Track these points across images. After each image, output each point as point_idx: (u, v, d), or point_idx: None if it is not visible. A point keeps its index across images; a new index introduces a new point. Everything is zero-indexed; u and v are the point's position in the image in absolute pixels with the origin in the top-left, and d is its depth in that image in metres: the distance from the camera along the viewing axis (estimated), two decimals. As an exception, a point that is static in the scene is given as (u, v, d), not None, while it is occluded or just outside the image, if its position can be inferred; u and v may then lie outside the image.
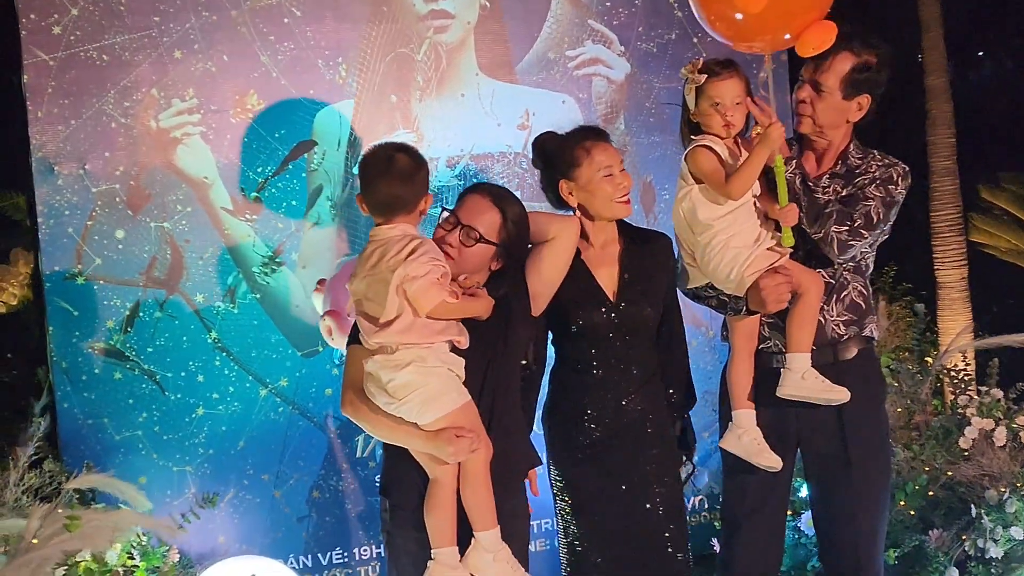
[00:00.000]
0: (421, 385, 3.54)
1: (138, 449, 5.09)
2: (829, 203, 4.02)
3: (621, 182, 4.00)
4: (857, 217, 4.00)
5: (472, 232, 3.74)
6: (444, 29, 5.47)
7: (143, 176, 5.05)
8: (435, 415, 3.56)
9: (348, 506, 5.46)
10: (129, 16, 5.00)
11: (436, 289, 3.49)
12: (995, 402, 5.63)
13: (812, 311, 4.03)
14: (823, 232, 3.99)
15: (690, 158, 4.01)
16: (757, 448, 4.08)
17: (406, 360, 3.54)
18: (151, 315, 5.09)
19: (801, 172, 4.04)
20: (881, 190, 4.06)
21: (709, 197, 3.99)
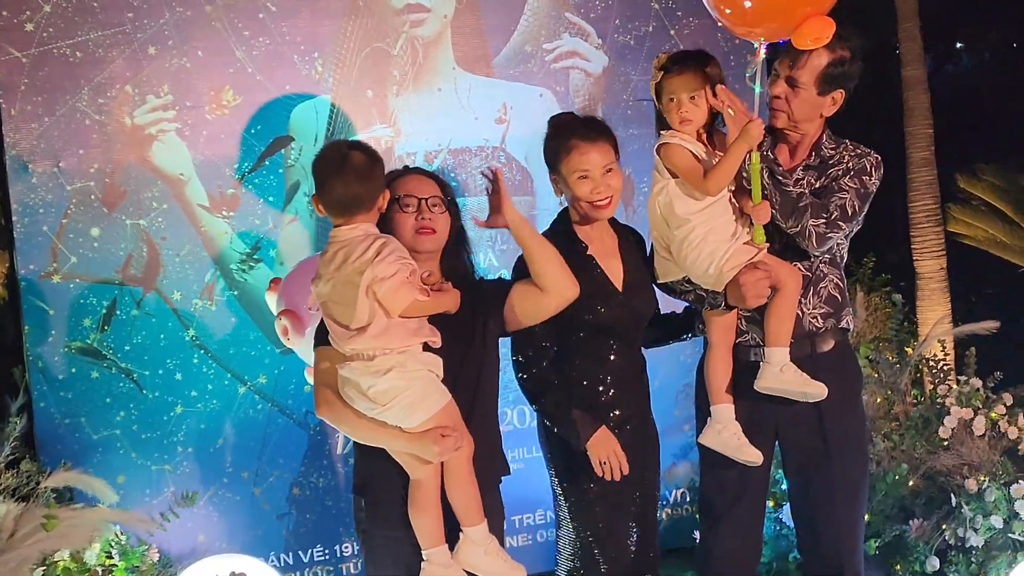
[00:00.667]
0: (404, 390, 3.52)
1: (116, 448, 5.06)
2: (802, 195, 4.01)
3: (598, 185, 3.94)
4: (833, 209, 4.00)
5: (439, 203, 3.78)
6: (420, 23, 5.46)
7: (118, 173, 5.02)
8: (421, 418, 3.55)
9: (328, 503, 5.45)
10: (102, 12, 4.97)
11: (407, 288, 3.45)
12: (974, 391, 5.66)
13: (790, 305, 4.03)
14: (799, 226, 3.99)
15: (665, 154, 4.00)
16: (737, 443, 4.07)
17: (386, 366, 3.51)
18: (128, 313, 5.07)
19: (770, 167, 4.02)
20: (855, 181, 4.06)
21: (686, 191, 3.97)
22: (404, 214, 3.73)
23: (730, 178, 3.93)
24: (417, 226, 3.74)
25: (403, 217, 3.73)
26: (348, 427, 3.66)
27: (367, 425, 3.59)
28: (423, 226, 3.74)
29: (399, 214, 3.72)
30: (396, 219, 3.72)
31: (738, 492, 4.22)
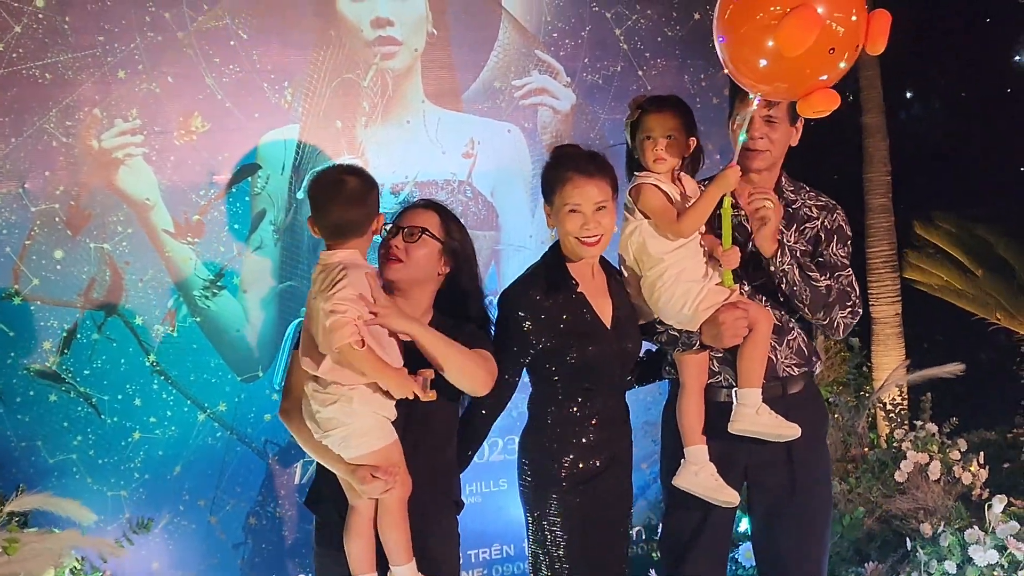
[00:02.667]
0: (342, 425, 3.58)
1: (72, 473, 5.01)
2: (830, 289, 4.07)
3: (587, 222, 3.90)
4: (851, 292, 4.11)
5: (414, 229, 3.79)
6: (391, 56, 5.47)
7: (84, 196, 4.99)
8: (356, 453, 3.61)
9: (285, 533, 5.41)
10: (73, 35, 4.95)
11: (348, 329, 3.43)
12: (930, 436, 5.72)
13: (763, 346, 4.06)
14: (828, 319, 4.09)
15: (636, 194, 4.02)
16: (715, 484, 4.07)
17: (332, 398, 3.57)
18: (89, 337, 5.02)
19: (799, 262, 4.06)
20: (843, 248, 4.21)
21: (659, 231, 4.00)
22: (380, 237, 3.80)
23: (703, 220, 3.96)
24: (384, 253, 3.79)
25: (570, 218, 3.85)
26: (300, 436, 3.77)
27: (312, 443, 3.69)
28: (391, 254, 3.77)
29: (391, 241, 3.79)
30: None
31: (703, 532, 4.23)
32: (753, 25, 3.70)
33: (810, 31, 3.58)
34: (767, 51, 3.68)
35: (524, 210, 5.74)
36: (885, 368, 7.35)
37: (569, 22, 5.84)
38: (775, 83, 3.83)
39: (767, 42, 3.65)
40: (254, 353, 5.28)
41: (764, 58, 3.72)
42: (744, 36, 3.76)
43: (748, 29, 3.73)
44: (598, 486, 4.03)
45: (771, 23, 3.62)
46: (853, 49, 3.74)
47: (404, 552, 3.70)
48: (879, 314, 7.66)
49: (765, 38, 3.65)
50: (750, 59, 3.78)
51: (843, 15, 3.67)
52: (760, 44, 3.69)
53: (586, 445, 4.01)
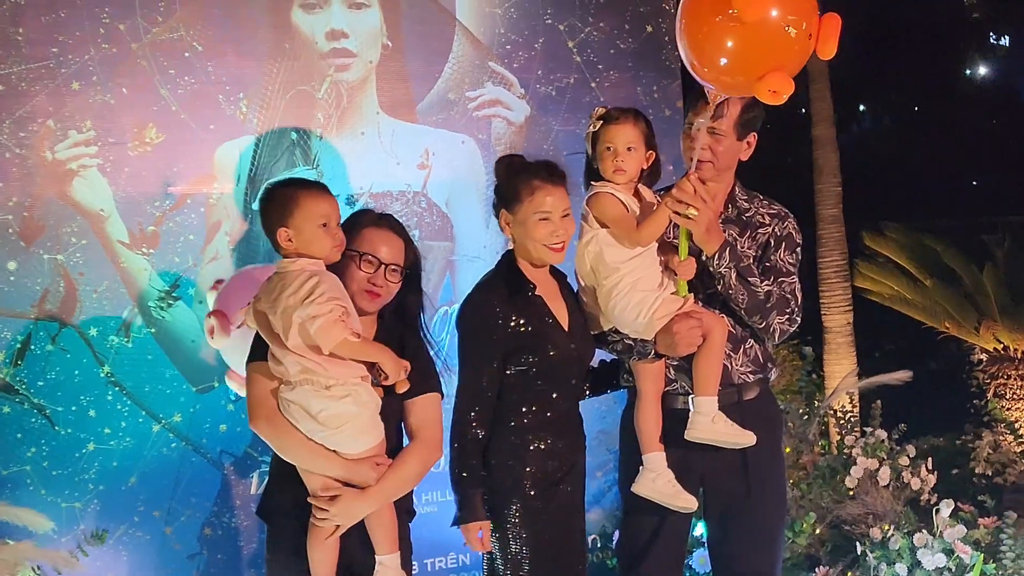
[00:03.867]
0: (355, 416, 3.61)
1: (26, 484, 4.98)
2: (770, 294, 4.11)
3: (557, 229, 3.97)
4: (791, 299, 4.16)
5: (398, 269, 3.84)
6: (346, 67, 5.49)
7: (37, 207, 4.98)
8: (365, 446, 3.66)
9: (241, 543, 5.40)
10: (27, 46, 4.94)
11: (340, 327, 3.50)
12: (879, 442, 5.80)
13: (718, 353, 4.10)
14: (765, 323, 4.13)
15: (595, 203, 4.05)
16: (673, 490, 4.09)
17: (342, 393, 3.59)
18: (43, 348, 5.01)
19: (737, 267, 4.08)
20: (792, 255, 4.25)
21: (618, 240, 4.04)
22: (359, 271, 3.78)
23: (662, 230, 4.00)
24: (367, 287, 3.79)
25: (356, 272, 3.78)
26: (284, 442, 3.69)
27: (306, 444, 3.64)
28: (373, 289, 3.80)
29: (353, 267, 3.78)
30: (349, 270, 3.77)
31: (658, 538, 4.26)
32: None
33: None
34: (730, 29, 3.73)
35: (478, 221, 5.77)
36: (837, 376, 7.44)
37: (523, 34, 5.88)
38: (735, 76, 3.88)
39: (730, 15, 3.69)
40: (210, 364, 5.25)
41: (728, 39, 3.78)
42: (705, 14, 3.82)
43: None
44: (560, 493, 4.06)
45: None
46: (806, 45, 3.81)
47: (394, 541, 3.76)
48: (831, 323, 7.76)
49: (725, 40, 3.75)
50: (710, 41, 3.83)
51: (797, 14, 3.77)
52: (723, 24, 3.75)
53: (547, 451, 4.04)
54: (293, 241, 3.62)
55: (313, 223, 3.62)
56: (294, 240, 3.62)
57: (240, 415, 5.30)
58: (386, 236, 3.87)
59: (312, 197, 3.65)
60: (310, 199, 3.64)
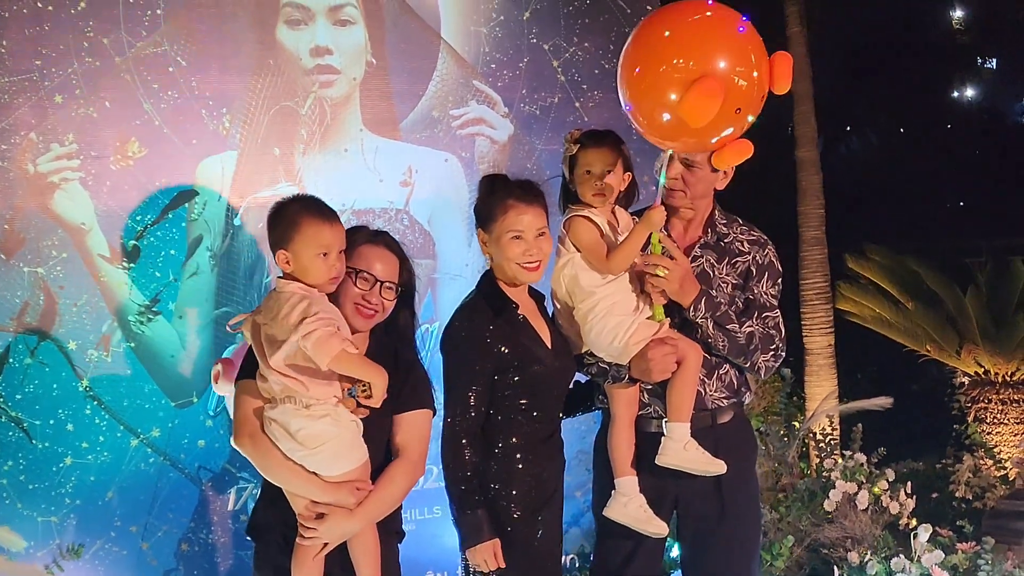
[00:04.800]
0: (334, 437, 3.57)
1: (2, 497, 4.96)
2: (751, 336, 4.12)
3: (531, 248, 3.94)
4: (774, 335, 4.17)
5: (393, 287, 3.81)
6: (330, 84, 5.50)
7: (18, 220, 4.97)
8: (343, 468, 3.62)
9: (218, 559, 5.38)
10: (10, 58, 4.94)
11: (337, 339, 3.48)
12: (858, 466, 5.80)
13: (692, 379, 4.09)
14: (749, 363, 4.14)
15: (570, 228, 4.06)
16: (645, 516, 4.09)
17: (321, 412, 3.56)
18: (21, 361, 4.99)
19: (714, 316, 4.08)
20: (772, 286, 4.25)
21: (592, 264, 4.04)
22: (354, 287, 3.75)
23: (632, 258, 3.99)
24: (361, 304, 3.77)
25: (351, 288, 3.75)
26: (264, 460, 3.66)
27: (285, 464, 3.62)
28: (368, 306, 3.77)
29: (349, 283, 3.75)
30: (344, 286, 3.75)
31: (633, 561, 4.25)
32: (657, 80, 3.79)
33: (714, 101, 3.67)
34: (672, 109, 3.76)
35: (461, 239, 5.78)
36: (817, 398, 7.45)
37: (507, 53, 5.90)
38: (683, 139, 3.92)
39: (671, 98, 3.73)
40: (189, 379, 5.26)
41: (669, 114, 3.79)
42: (648, 93, 3.84)
43: (651, 86, 3.82)
44: (544, 516, 4.04)
45: (675, 77, 3.72)
46: (759, 100, 3.84)
47: (376, 565, 3.73)
48: (812, 345, 7.76)
49: (668, 94, 3.74)
50: (656, 118, 3.86)
51: (745, 72, 3.76)
52: (664, 102, 3.77)
53: (533, 475, 4.01)
54: (291, 264, 3.61)
55: (311, 251, 3.58)
56: (291, 264, 3.60)
57: (219, 431, 5.30)
58: (381, 253, 3.85)
59: (314, 225, 3.59)
60: (312, 227, 3.59)
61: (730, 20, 3.80)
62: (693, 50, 3.74)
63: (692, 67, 3.70)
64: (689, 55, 3.72)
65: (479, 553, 3.90)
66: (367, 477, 3.69)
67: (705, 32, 3.79)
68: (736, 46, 3.77)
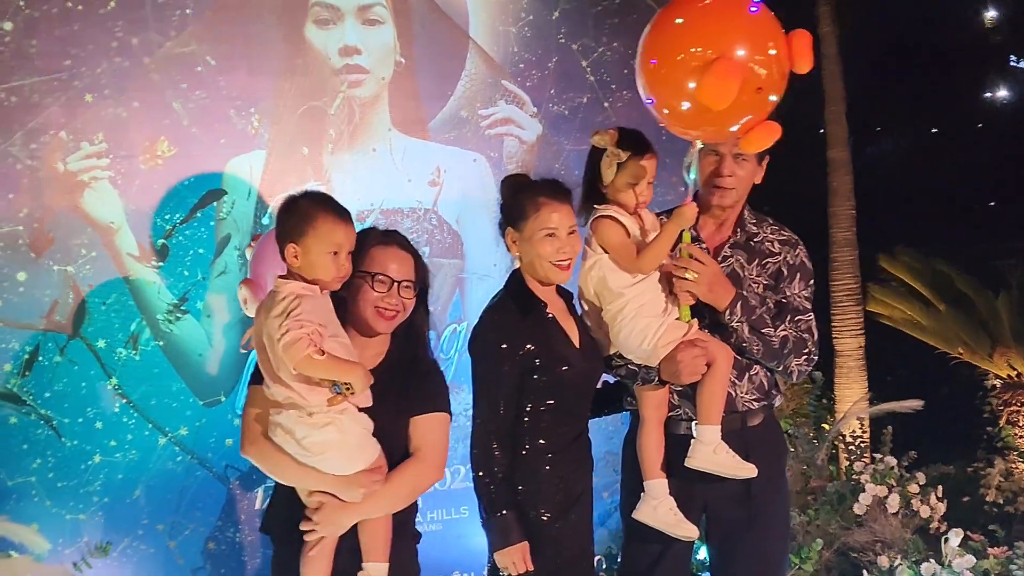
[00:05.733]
0: (338, 444, 3.52)
1: (31, 496, 4.99)
2: (785, 340, 4.07)
3: (564, 246, 3.88)
4: (807, 338, 4.12)
5: (411, 285, 3.75)
6: (358, 84, 5.51)
7: (48, 219, 4.99)
8: (355, 468, 3.57)
9: (244, 558, 5.40)
10: (39, 58, 4.96)
11: (302, 343, 3.38)
12: (888, 469, 5.75)
13: (723, 382, 4.04)
14: (782, 367, 4.10)
15: (597, 228, 4.01)
16: (675, 519, 4.04)
17: (324, 421, 3.51)
18: (50, 359, 5.02)
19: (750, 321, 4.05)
20: (805, 287, 4.19)
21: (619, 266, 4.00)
22: (372, 291, 3.69)
23: (662, 257, 3.94)
24: (381, 308, 3.70)
25: (369, 292, 3.69)
26: (273, 465, 3.62)
27: (293, 466, 3.57)
28: (388, 309, 3.71)
29: (366, 288, 3.68)
30: (362, 291, 3.68)
31: (661, 564, 4.22)
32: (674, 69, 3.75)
33: (731, 82, 3.60)
34: (691, 96, 3.71)
35: (489, 238, 5.73)
36: (847, 400, 7.40)
37: (536, 53, 5.89)
38: (706, 126, 3.87)
39: (689, 86, 3.68)
40: (216, 378, 5.28)
41: (689, 102, 3.75)
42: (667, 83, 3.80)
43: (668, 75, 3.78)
44: (573, 516, 4.00)
45: (692, 65, 3.67)
46: (780, 80, 3.78)
47: (381, 551, 3.67)
48: (842, 347, 7.71)
49: (687, 82, 3.69)
50: (677, 107, 3.81)
51: (762, 52, 3.71)
52: (684, 90, 3.72)
53: (561, 476, 3.97)
54: (299, 259, 3.56)
55: (323, 249, 3.50)
56: (299, 259, 3.53)
57: (246, 430, 5.29)
58: (394, 253, 3.78)
59: (329, 222, 3.52)
60: (327, 224, 3.51)
61: (742, 1, 3.76)
62: (706, 35, 3.70)
63: (707, 52, 3.65)
64: (702, 40, 3.69)
65: (508, 556, 3.86)
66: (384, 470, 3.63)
67: (716, 15, 3.75)
68: (750, 26, 3.73)
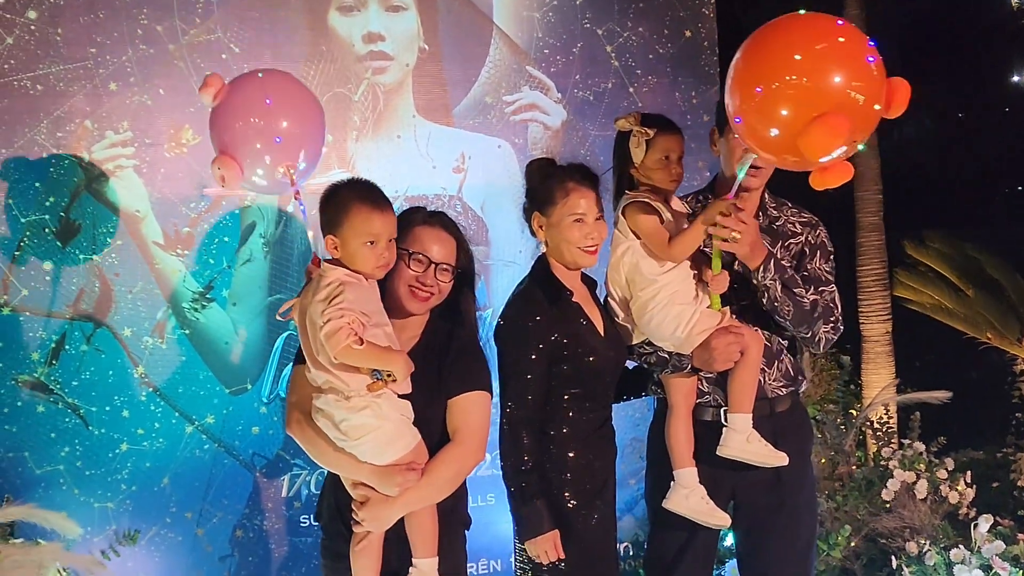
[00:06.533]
0: (376, 428, 3.53)
1: (59, 484, 5.02)
2: (815, 304, 4.05)
3: (592, 231, 3.89)
4: (834, 308, 4.09)
5: (449, 269, 3.75)
6: (382, 71, 5.49)
7: (73, 208, 5.01)
8: (391, 457, 3.57)
9: (272, 546, 5.41)
10: (65, 47, 4.97)
11: (343, 333, 3.40)
12: (917, 455, 5.73)
13: (754, 370, 4.03)
14: (810, 333, 4.07)
15: (630, 213, 3.98)
16: (707, 508, 4.03)
17: (361, 404, 3.52)
18: (77, 348, 5.03)
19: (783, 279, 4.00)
20: (827, 262, 4.18)
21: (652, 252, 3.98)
22: (408, 269, 3.70)
23: (695, 246, 3.93)
24: (415, 286, 3.71)
25: (405, 271, 3.70)
26: (313, 447, 3.66)
27: (331, 450, 3.60)
28: (422, 289, 3.72)
29: (403, 265, 3.69)
30: (398, 268, 3.68)
31: (688, 551, 4.21)
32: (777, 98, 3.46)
33: (839, 140, 3.40)
34: (789, 131, 3.45)
35: (514, 225, 5.70)
36: (875, 386, 7.36)
37: (561, 39, 5.86)
38: (789, 157, 3.60)
39: (786, 118, 3.44)
40: (243, 366, 5.28)
41: (780, 131, 3.49)
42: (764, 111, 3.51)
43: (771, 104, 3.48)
44: (598, 503, 4.00)
45: (799, 100, 3.40)
46: (873, 127, 3.57)
47: (432, 544, 3.69)
48: (869, 332, 7.67)
49: (778, 109, 3.45)
50: (766, 136, 3.55)
51: (868, 104, 3.45)
52: (779, 121, 3.46)
53: (585, 462, 3.97)
54: (339, 250, 3.57)
55: (359, 240, 3.52)
56: (340, 250, 3.55)
57: (272, 418, 5.32)
58: (437, 234, 3.78)
59: (363, 213, 3.51)
60: (360, 215, 3.51)
61: (861, 46, 3.48)
62: (823, 79, 3.40)
63: (820, 102, 3.39)
64: (818, 90, 3.39)
65: (539, 544, 3.85)
66: (422, 460, 3.63)
67: (836, 59, 3.44)
68: (866, 76, 3.45)
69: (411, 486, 3.59)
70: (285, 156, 3.96)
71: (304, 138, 4.03)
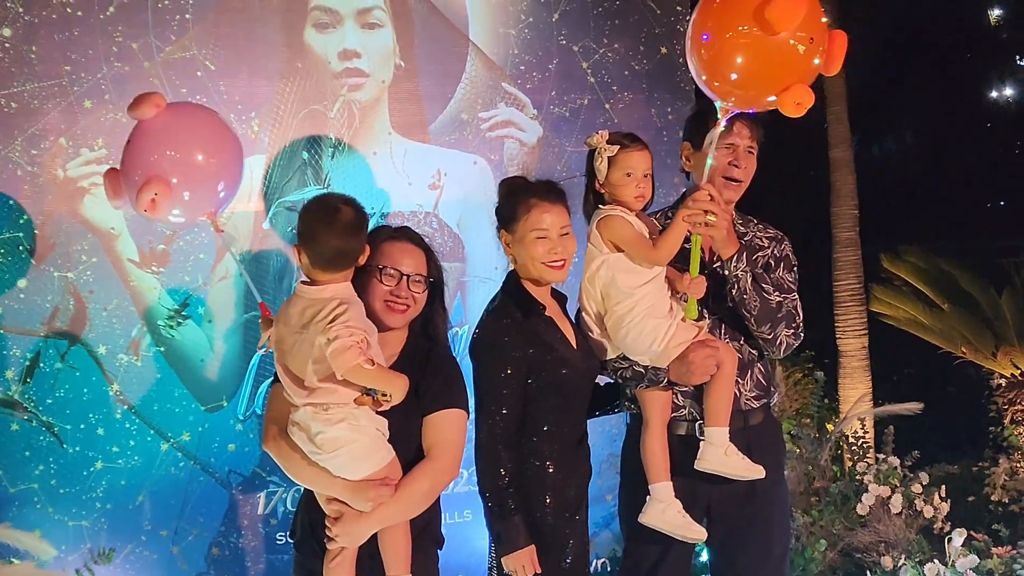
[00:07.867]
0: (351, 441, 3.55)
1: (33, 502, 4.99)
2: (781, 305, 4.08)
3: (556, 246, 3.90)
4: (796, 316, 4.12)
5: (422, 280, 3.78)
6: (358, 87, 5.50)
7: (48, 225, 5.00)
8: (364, 473, 3.58)
9: (248, 563, 5.39)
10: (39, 64, 4.97)
11: (353, 352, 3.43)
12: (892, 469, 5.75)
13: (730, 383, 4.05)
14: (772, 334, 4.09)
15: (606, 226, 3.99)
16: (683, 522, 4.02)
17: (338, 417, 3.53)
18: (52, 366, 5.02)
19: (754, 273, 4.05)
20: (791, 274, 4.23)
21: (628, 265, 3.97)
22: (380, 284, 3.73)
23: (677, 246, 3.94)
24: (391, 300, 3.74)
25: (378, 286, 3.73)
26: (288, 463, 3.67)
27: (306, 466, 3.61)
28: (396, 302, 3.74)
29: (375, 281, 3.72)
30: (371, 285, 3.72)
31: (662, 565, 4.22)
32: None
33: (800, 7, 3.57)
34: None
35: (490, 242, 5.67)
36: (851, 401, 7.40)
37: (536, 55, 5.88)
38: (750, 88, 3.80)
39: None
40: (218, 383, 5.27)
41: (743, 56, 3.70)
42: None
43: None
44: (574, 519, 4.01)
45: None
46: (820, 54, 3.75)
47: (405, 562, 3.69)
48: (846, 347, 7.71)
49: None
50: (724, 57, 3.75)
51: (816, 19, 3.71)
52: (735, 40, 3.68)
53: (562, 479, 3.97)
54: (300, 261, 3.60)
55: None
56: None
57: (248, 435, 5.31)
58: (405, 247, 3.82)
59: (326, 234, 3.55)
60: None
61: None
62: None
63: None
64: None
65: (517, 560, 3.85)
66: (396, 476, 3.63)
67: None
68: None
69: (384, 501, 3.59)
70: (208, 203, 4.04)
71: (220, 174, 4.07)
